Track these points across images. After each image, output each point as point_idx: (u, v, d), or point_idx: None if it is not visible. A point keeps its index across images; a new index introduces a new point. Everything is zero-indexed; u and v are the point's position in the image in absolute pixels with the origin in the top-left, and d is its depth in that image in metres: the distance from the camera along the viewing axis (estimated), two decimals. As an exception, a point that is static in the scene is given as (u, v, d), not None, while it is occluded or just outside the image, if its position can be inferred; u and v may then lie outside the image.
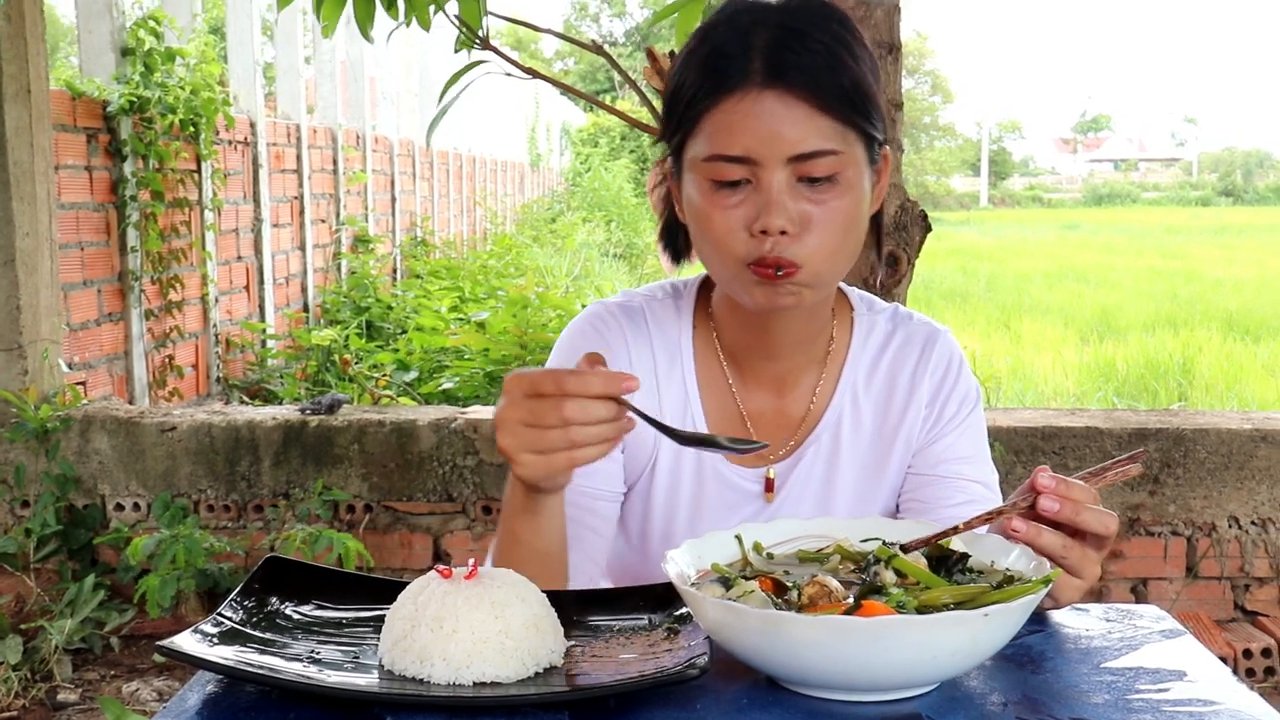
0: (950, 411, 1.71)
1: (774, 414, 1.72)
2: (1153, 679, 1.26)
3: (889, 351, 1.73)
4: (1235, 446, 4.12)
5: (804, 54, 1.47)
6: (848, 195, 1.51)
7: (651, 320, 1.72)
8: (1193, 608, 4.20)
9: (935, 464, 1.70)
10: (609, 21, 66.34)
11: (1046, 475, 1.33)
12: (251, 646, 1.27)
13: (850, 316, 1.75)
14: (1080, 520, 1.32)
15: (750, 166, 1.48)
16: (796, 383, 1.72)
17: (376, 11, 3.01)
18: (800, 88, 1.46)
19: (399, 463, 4.30)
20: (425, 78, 13.08)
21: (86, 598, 4.14)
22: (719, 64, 1.50)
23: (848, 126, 1.49)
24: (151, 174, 6.00)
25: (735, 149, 1.48)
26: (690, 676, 1.17)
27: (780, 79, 1.47)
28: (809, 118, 1.47)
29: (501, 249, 13.44)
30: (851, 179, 1.51)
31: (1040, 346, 10.86)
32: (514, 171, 21.10)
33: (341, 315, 9.06)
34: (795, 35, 1.48)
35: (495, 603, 1.24)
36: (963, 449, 1.71)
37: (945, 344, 1.74)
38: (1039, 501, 1.32)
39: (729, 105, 1.49)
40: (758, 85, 1.47)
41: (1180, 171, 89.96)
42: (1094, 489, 1.36)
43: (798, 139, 1.46)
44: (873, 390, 1.72)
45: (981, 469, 1.72)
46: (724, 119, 1.49)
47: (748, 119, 1.47)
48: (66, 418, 4.37)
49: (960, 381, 1.72)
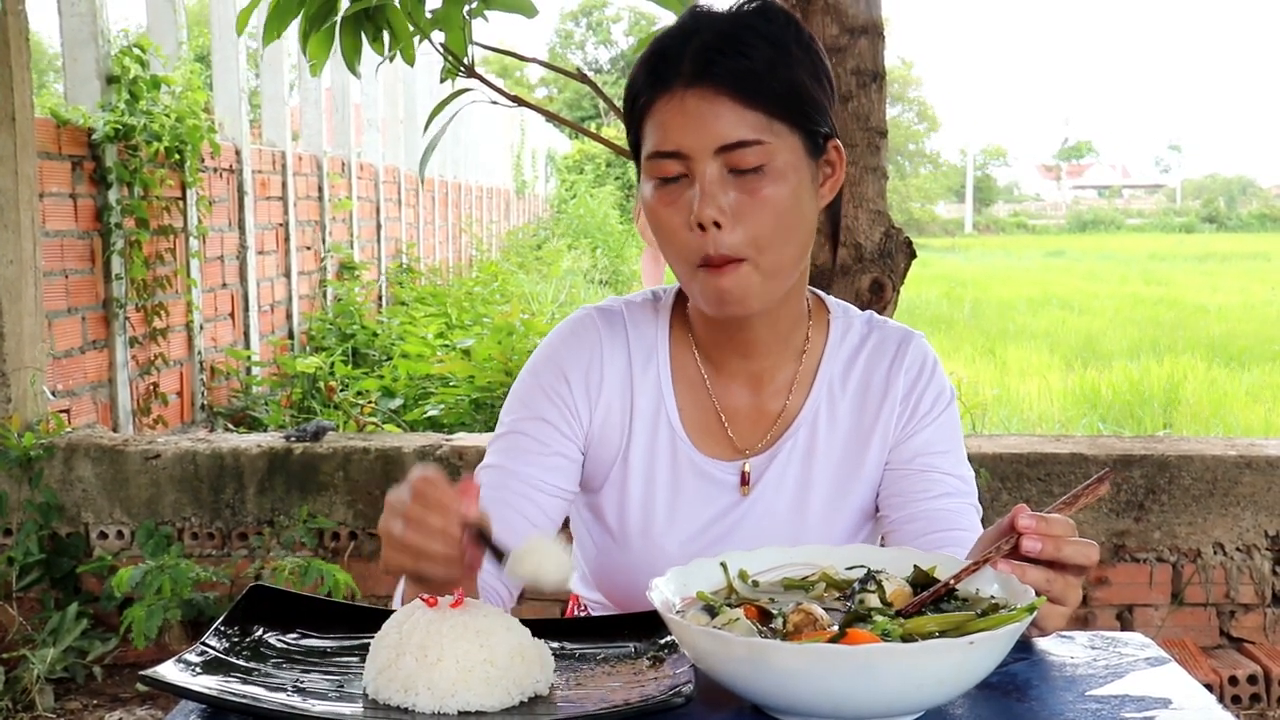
0: (924, 408, 1.75)
1: (750, 410, 1.77)
2: (1138, 706, 1.26)
3: (865, 351, 1.78)
4: (1220, 473, 4.13)
5: (732, 55, 1.56)
6: (780, 184, 1.57)
7: (629, 322, 1.79)
8: (1178, 635, 4.20)
9: (911, 458, 1.74)
10: (594, 49, 66.59)
11: (1026, 516, 1.35)
12: (235, 676, 1.27)
13: (827, 319, 1.81)
14: (1063, 555, 1.34)
15: (685, 161, 1.57)
16: (772, 379, 1.77)
17: (363, 46, 3.01)
18: (723, 83, 1.55)
19: (384, 490, 4.27)
20: (410, 105, 13.10)
21: (69, 626, 4.12)
22: (657, 65, 1.60)
23: (775, 119, 1.57)
24: (136, 201, 5.99)
25: (668, 145, 1.57)
26: (675, 705, 1.17)
27: (705, 77, 1.55)
28: (733, 110, 1.55)
29: (487, 276, 13.44)
30: (782, 168, 1.58)
31: (1025, 373, 10.88)
32: (499, 198, 21.12)
33: (327, 342, 9.04)
34: (728, 38, 1.57)
35: (480, 631, 1.24)
36: (938, 443, 1.75)
37: (919, 345, 1.79)
38: (1022, 543, 1.34)
39: (662, 104, 1.59)
40: (684, 83, 1.56)
41: (1164, 198, 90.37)
42: (1069, 519, 1.37)
43: (723, 132, 1.55)
44: (849, 388, 1.77)
45: (957, 463, 1.76)
46: (659, 117, 1.59)
47: (676, 115, 1.57)
48: (50, 445, 4.35)
49: (934, 379, 1.77)
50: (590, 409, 1.75)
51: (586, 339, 1.77)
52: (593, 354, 1.76)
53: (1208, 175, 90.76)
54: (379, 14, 2.94)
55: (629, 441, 1.75)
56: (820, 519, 1.74)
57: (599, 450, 1.77)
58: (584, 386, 1.75)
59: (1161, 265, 27.97)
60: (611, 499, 1.77)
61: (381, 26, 2.98)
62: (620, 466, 1.76)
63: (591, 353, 1.76)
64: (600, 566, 1.82)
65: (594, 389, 1.75)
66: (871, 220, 3.34)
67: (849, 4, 3.32)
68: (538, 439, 1.73)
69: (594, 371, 1.75)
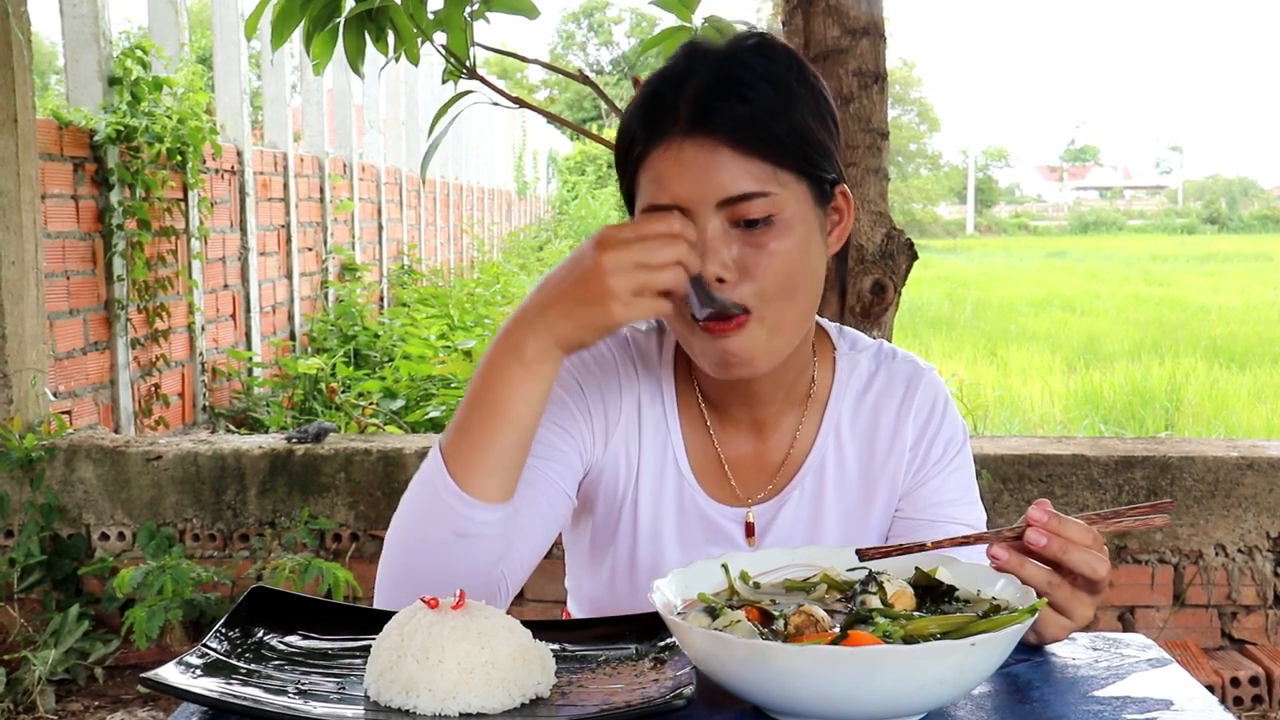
0: (936, 454, 1.69)
1: (753, 459, 1.70)
2: (1140, 708, 1.26)
3: (872, 391, 1.70)
4: (1222, 474, 4.13)
5: (731, 99, 1.47)
6: (787, 236, 1.49)
7: (637, 351, 1.72)
8: (1180, 636, 4.20)
9: (923, 508, 1.68)
10: (595, 49, 66.59)
11: (1041, 509, 1.32)
12: (236, 678, 1.27)
13: (832, 356, 1.73)
14: (1068, 559, 1.32)
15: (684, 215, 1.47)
16: (776, 426, 1.70)
17: (366, 46, 3.01)
18: (724, 133, 1.46)
19: (385, 491, 4.28)
20: (412, 106, 13.10)
21: (70, 628, 4.12)
22: (652, 112, 1.51)
23: (781, 168, 1.48)
24: (138, 203, 6.00)
25: (664, 198, 1.48)
26: (677, 707, 1.17)
27: (704, 126, 1.47)
28: (736, 161, 1.46)
29: (489, 277, 13.45)
30: (790, 220, 1.49)
31: (1027, 374, 10.88)
32: (501, 199, 21.12)
33: (328, 343, 9.04)
34: (727, 81, 1.48)
35: (482, 633, 1.24)
36: (950, 491, 1.69)
37: (930, 384, 1.71)
38: (1026, 534, 1.32)
39: (658, 155, 1.50)
40: (681, 133, 1.48)
41: (1165, 199, 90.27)
42: (1096, 530, 1.35)
43: (725, 183, 1.46)
44: (857, 432, 1.70)
45: (970, 511, 1.70)
46: (655, 169, 1.50)
47: (674, 167, 1.48)
48: (52, 447, 4.36)
49: (946, 423, 1.70)
50: (607, 434, 1.68)
51: (601, 356, 1.70)
52: (609, 377, 1.69)
53: (1209, 176, 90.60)
54: (382, 15, 2.93)
55: (637, 478, 1.69)
56: None
57: (611, 477, 1.70)
58: (601, 407, 1.67)
59: (1163, 266, 27.96)
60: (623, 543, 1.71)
61: (385, 27, 2.98)
62: (630, 509, 1.70)
63: (608, 375, 1.69)
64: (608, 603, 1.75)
65: (611, 414, 1.68)
66: (873, 221, 3.34)
67: (850, 5, 3.32)
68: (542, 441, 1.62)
69: (611, 395, 1.68)
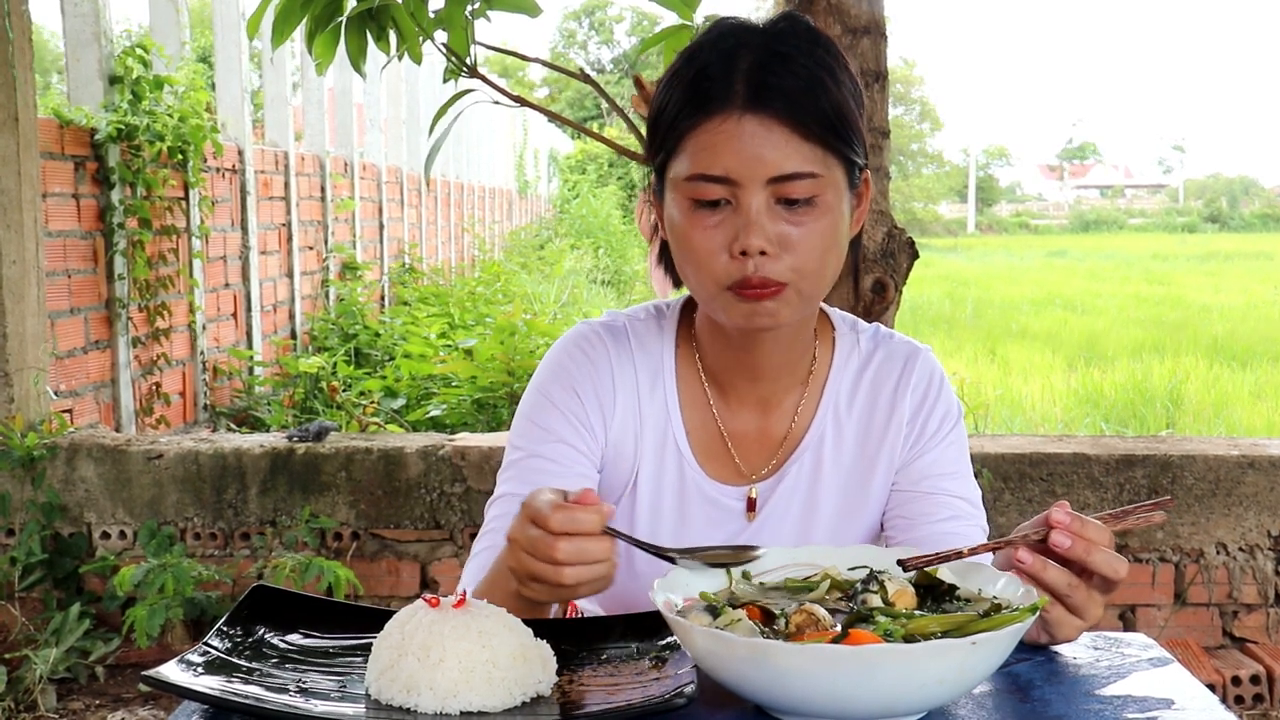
0: (932, 428, 1.73)
1: (756, 434, 1.74)
2: (1141, 707, 1.26)
3: (870, 370, 1.75)
4: (1223, 473, 4.12)
5: (786, 78, 1.50)
6: (826, 217, 1.54)
7: (635, 339, 1.75)
8: (1181, 635, 4.19)
9: (919, 480, 1.72)
10: (596, 48, 66.59)
11: (1063, 511, 1.33)
12: (237, 676, 1.27)
13: (832, 337, 1.77)
14: (1091, 560, 1.32)
15: (730, 187, 1.51)
16: (779, 403, 1.73)
17: (368, 45, 3.01)
18: (782, 111, 1.50)
19: (386, 490, 4.29)
20: (413, 105, 13.10)
21: (71, 627, 4.12)
22: (703, 85, 1.53)
23: (828, 151, 1.52)
24: (139, 201, 5.99)
25: (716, 169, 1.51)
26: (678, 705, 1.17)
27: (762, 102, 1.50)
28: (789, 141, 1.50)
29: (489, 276, 13.44)
30: (830, 202, 1.54)
31: (1028, 373, 10.87)
32: (502, 198, 21.11)
33: (329, 342, 9.04)
34: (779, 59, 1.51)
35: (483, 632, 1.24)
36: (945, 465, 1.72)
37: (925, 362, 1.76)
38: (1051, 536, 1.32)
39: (711, 126, 1.52)
40: (739, 108, 1.51)
41: (1166, 198, 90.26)
42: (1110, 531, 1.36)
43: (778, 161, 1.50)
44: (854, 409, 1.74)
45: (965, 485, 1.74)
46: (706, 139, 1.52)
47: (729, 140, 1.50)
48: (53, 445, 4.36)
49: (941, 398, 1.74)
50: (605, 428, 1.71)
51: (594, 355, 1.72)
52: (603, 371, 1.72)
53: (1210, 175, 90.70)
54: (383, 14, 2.93)
55: (638, 464, 1.72)
56: (826, 542, 1.71)
57: (611, 471, 1.73)
58: (597, 404, 1.71)
59: (1164, 265, 27.95)
60: (621, 525, 1.70)
61: (386, 26, 2.98)
62: (630, 493, 1.73)
63: (601, 370, 1.72)
64: None
65: (607, 407, 1.71)
66: (874, 220, 3.34)
67: (851, 3, 3.32)
68: (555, 460, 1.68)
69: (605, 390, 1.71)
